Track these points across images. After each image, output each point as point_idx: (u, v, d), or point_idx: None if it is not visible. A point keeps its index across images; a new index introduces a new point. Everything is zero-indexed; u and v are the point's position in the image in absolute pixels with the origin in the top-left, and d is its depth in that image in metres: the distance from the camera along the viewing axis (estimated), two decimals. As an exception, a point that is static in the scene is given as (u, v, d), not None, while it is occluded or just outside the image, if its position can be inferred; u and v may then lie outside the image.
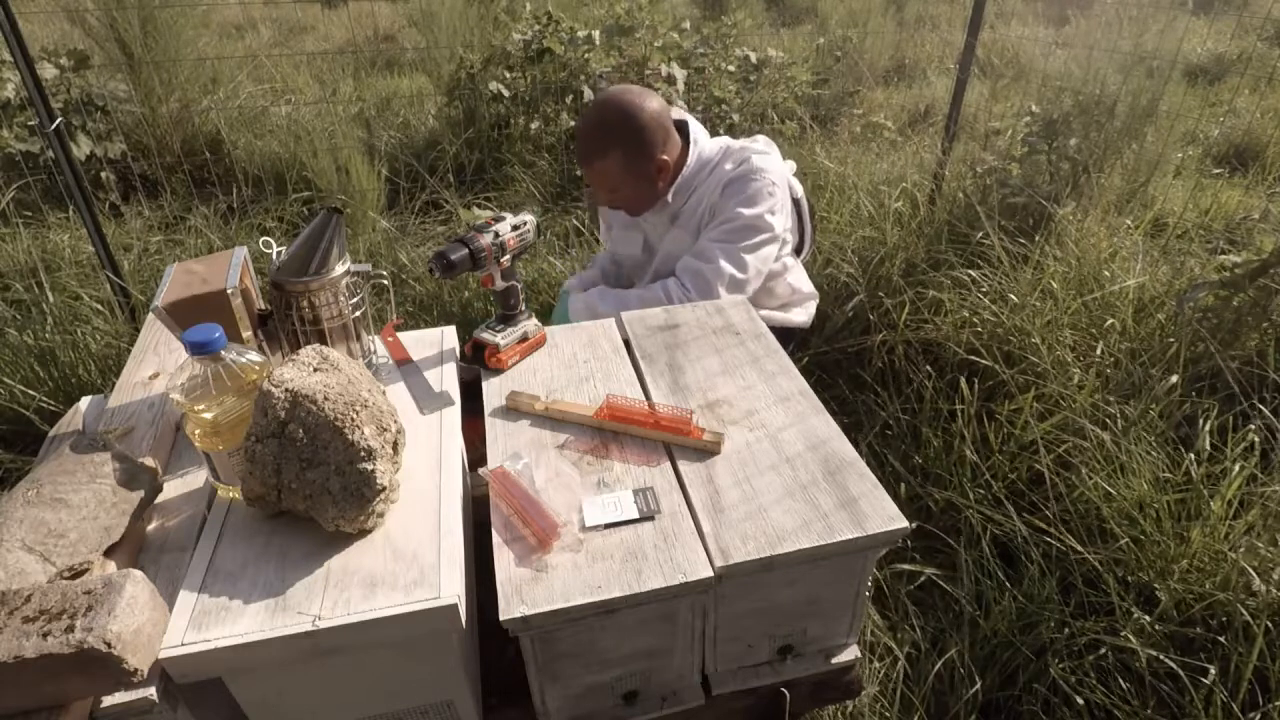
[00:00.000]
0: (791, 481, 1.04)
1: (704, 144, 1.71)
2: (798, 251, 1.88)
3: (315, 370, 0.95)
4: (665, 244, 1.76)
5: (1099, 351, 1.96)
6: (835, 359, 2.28)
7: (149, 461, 1.02)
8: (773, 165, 1.67)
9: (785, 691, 1.09)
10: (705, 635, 1.03)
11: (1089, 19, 4.72)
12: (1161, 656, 1.34)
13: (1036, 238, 2.37)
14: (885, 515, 0.98)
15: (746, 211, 1.61)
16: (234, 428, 0.95)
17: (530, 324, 1.34)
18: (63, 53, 3.34)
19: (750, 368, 1.29)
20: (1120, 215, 2.59)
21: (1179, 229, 2.68)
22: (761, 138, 1.77)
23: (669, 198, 1.70)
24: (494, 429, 1.17)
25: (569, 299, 1.72)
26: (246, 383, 0.94)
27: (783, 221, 1.69)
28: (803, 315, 1.89)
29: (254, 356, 0.96)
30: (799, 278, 1.86)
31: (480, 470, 1.07)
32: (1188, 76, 4.76)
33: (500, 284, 1.29)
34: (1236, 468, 1.54)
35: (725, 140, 1.74)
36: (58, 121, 2.15)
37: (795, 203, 1.81)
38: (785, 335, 1.92)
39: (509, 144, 3.50)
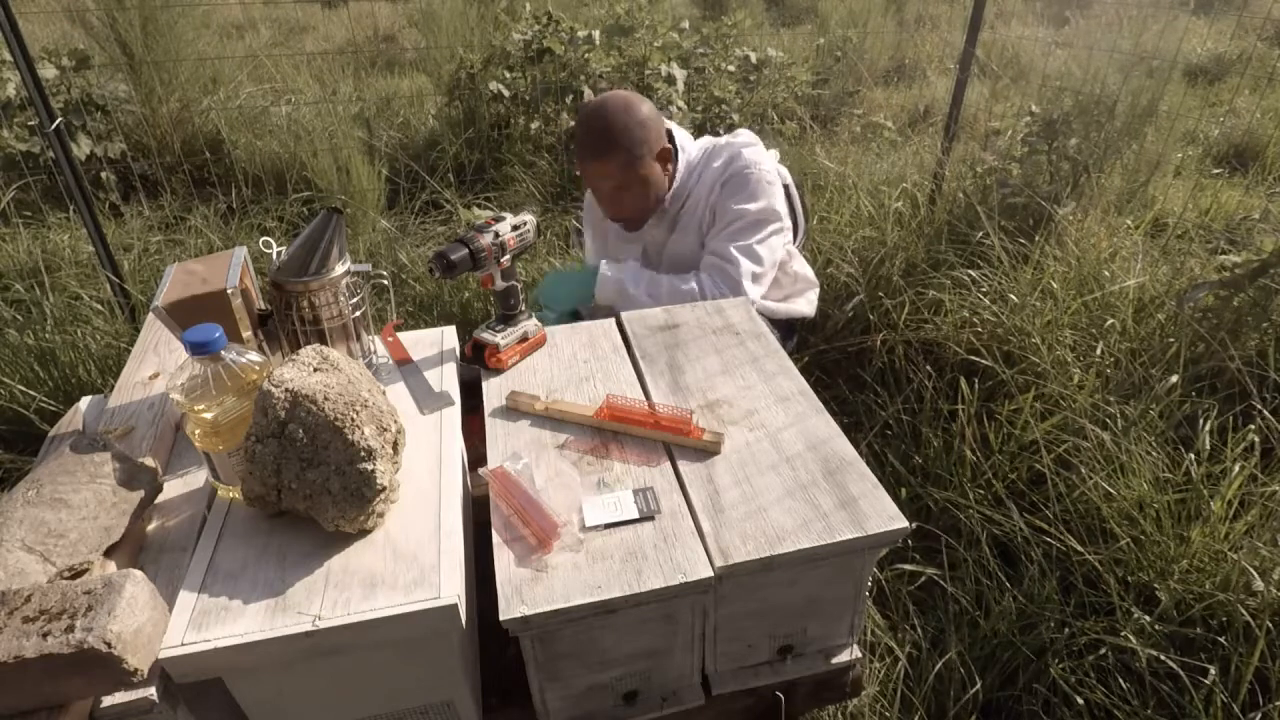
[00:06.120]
0: (791, 481, 1.04)
1: (689, 148, 1.72)
2: (794, 233, 1.89)
3: (315, 370, 0.95)
4: (669, 250, 1.76)
5: (1099, 351, 1.96)
6: (835, 359, 2.28)
7: (149, 461, 1.02)
8: (762, 156, 1.68)
9: (781, 695, 1.09)
10: (705, 635, 1.03)
11: (1089, 19, 4.72)
12: (1161, 656, 1.34)
13: (1036, 238, 2.37)
14: (885, 515, 0.98)
15: (751, 207, 1.63)
16: (234, 428, 0.95)
17: (530, 324, 1.34)
18: (63, 53, 3.34)
19: (750, 368, 1.29)
20: (1120, 215, 2.59)
21: (1179, 229, 2.68)
22: (743, 131, 1.77)
23: (666, 201, 1.70)
24: (494, 429, 1.17)
25: (600, 269, 1.68)
26: (246, 383, 0.94)
27: (784, 208, 1.70)
28: (807, 305, 1.89)
29: (254, 356, 0.97)
30: (800, 265, 1.87)
31: (480, 470, 1.07)
32: (1188, 76, 4.76)
33: (500, 284, 1.29)
34: (1236, 468, 1.54)
35: (706, 141, 1.75)
36: (58, 121, 2.15)
37: (785, 188, 1.82)
38: (790, 326, 1.91)
39: (509, 144, 3.49)
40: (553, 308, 1.75)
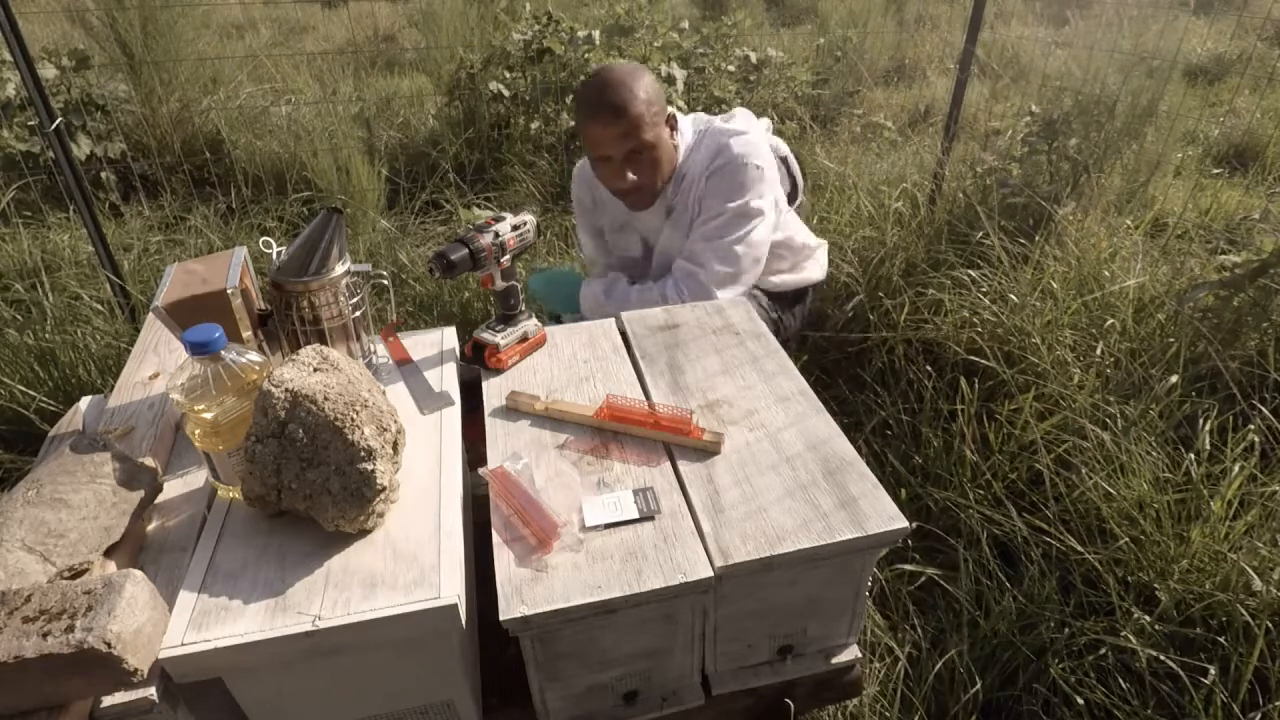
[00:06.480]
0: (791, 481, 1.04)
1: (684, 129, 1.68)
2: (791, 199, 1.84)
3: (315, 370, 0.95)
4: (663, 247, 1.74)
5: (1099, 351, 1.96)
6: (835, 359, 2.28)
7: (149, 461, 1.02)
8: (752, 144, 1.63)
9: (790, 703, 1.09)
10: (705, 635, 1.03)
11: (1089, 19, 4.72)
12: (1161, 656, 1.34)
13: (1036, 238, 2.37)
14: (885, 515, 0.98)
15: (731, 205, 1.60)
16: (234, 428, 0.95)
17: (530, 324, 1.34)
18: (63, 53, 3.34)
19: (750, 367, 1.29)
20: (1120, 215, 2.59)
21: (1179, 229, 2.68)
22: (738, 112, 1.73)
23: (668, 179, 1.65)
24: (494, 429, 1.17)
25: (582, 284, 1.72)
26: (246, 383, 0.94)
27: (771, 198, 1.65)
28: (817, 269, 1.85)
29: (254, 356, 0.97)
30: (803, 235, 1.82)
31: (480, 470, 1.07)
32: (1188, 76, 4.76)
33: (500, 284, 1.29)
34: (1236, 468, 1.54)
35: (701, 120, 1.71)
36: (58, 121, 2.15)
37: (782, 160, 1.77)
38: (801, 293, 1.89)
39: (509, 144, 3.50)
40: (543, 306, 1.76)
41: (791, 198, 1.85)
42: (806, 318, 2.01)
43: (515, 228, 1.27)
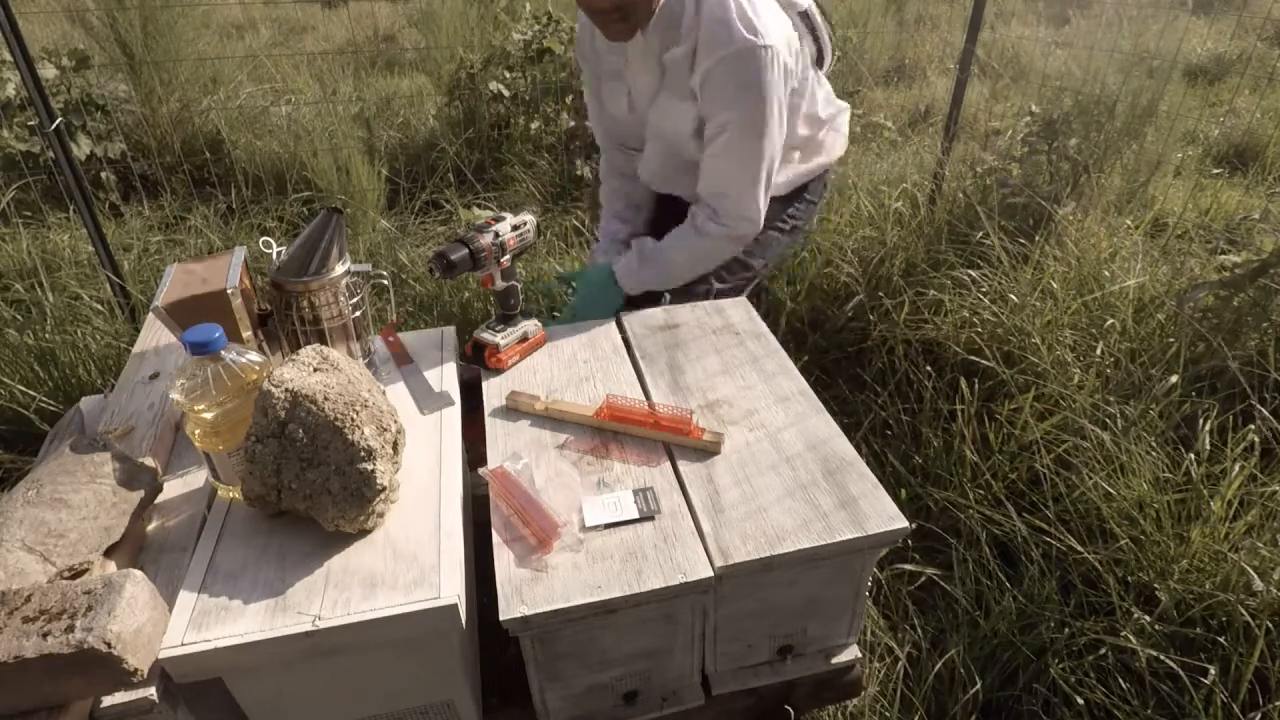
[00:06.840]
0: (791, 481, 1.04)
1: None
2: (820, 63, 1.68)
3: (315, 370, 0.95)
4: (654, 114, 1.57)
5: (1099, 351, 1.96)
6: (835, 359, 2.28)
7: (149, 461, 1.02)
8: (756, 22, 1.40)
9: (790, 710, 1.09)
10: (705, 635, 1.03)
11: (1089, 19, 4.72)
12: (1161, 656, 1.34)
13: (1036, 238, 2.37)
14: (885, 515, 0.98)
15: (740, 107, 1.43)
16: (234, 428, 0.95)
17: (530, 324, 1.34)
18: (63, 53, 3.33)
19: (750, 368, 1.29)
20: (1120, 215, 2.59)
21: (1179, 229, 2.67)
22: None
23: (652, 31, 1.46)
24: (494, 429, 1.17)
25: (612, 268, 1.59)
26: (246, 383, 0.94)
27: (784, 82, 1.45)
28: (836, 142, 1.72)
29: (254, 356, 0.97)
30: (821, 105, 1.67)
31: (480, 470, 1.07)
32: (1188, 76, 4.76)
33: (500, 284, 1.29)
34: (1236, 468, 1.54)
35: None
36: (58, 121, 2.15)
37: (802, 15, 1.60)
38: (823, 175, 1.79)
39: (509, 144, 3.50)
40: (590, 316, 1.59)
41: (819, 61, 1.67)
42: (825, 195, 1.86)
43: (515, 228, 1.28)
